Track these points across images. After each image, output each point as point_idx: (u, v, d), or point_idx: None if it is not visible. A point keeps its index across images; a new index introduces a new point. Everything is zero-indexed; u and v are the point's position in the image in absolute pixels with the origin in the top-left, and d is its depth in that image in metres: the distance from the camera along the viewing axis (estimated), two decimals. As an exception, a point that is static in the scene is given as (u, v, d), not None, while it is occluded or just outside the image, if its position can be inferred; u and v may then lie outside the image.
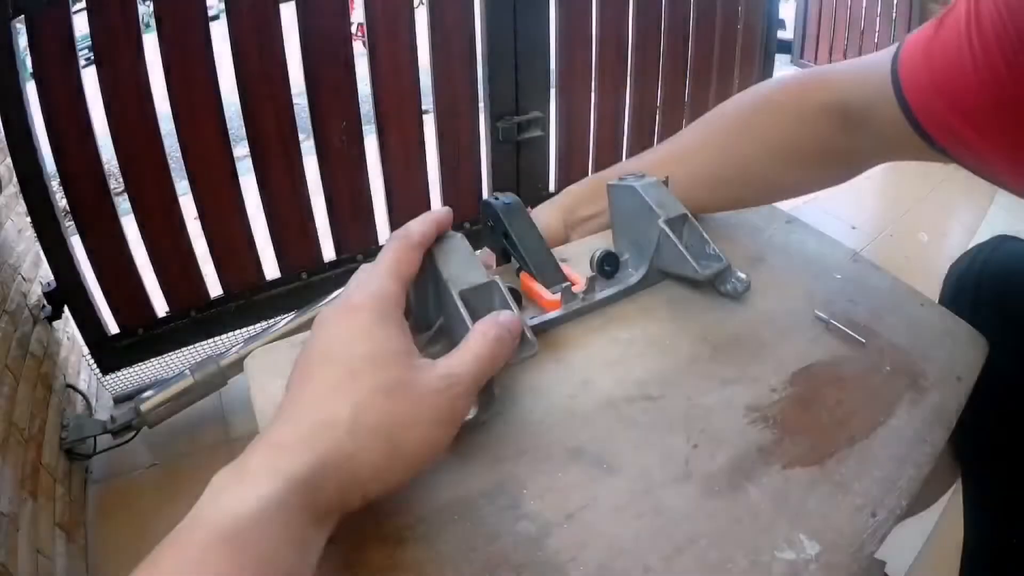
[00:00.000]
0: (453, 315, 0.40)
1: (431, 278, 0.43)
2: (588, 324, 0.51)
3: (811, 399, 0.45)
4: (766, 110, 0.57)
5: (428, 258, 0.42)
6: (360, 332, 0.34)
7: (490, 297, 0.41)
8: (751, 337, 0.50)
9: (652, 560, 0.35)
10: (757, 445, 0.42)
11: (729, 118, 0.60)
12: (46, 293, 1.38)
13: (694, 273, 0.50)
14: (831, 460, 0.41)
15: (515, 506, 0.37)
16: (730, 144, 0.59)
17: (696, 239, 0.52)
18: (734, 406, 0.44)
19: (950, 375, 0.49)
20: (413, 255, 0.40)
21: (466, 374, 0.34)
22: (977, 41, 0.40)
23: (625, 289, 0.53)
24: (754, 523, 0.37)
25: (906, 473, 0.41)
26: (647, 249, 0.53)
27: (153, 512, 1.29)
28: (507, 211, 0.55)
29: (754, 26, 2.20)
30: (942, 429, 0.44)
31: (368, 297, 0.35)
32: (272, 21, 1.34)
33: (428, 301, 0.44)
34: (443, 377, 0.33)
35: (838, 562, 0.35)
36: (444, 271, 0.41)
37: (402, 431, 0.31)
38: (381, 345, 0.33)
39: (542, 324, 0.50)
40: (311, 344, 0.34)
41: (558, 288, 0.52)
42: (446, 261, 0.42)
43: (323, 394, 0.32)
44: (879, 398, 0.46)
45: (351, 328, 0.34)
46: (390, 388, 0.32)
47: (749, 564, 0.35)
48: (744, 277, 0.52)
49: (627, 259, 0.56)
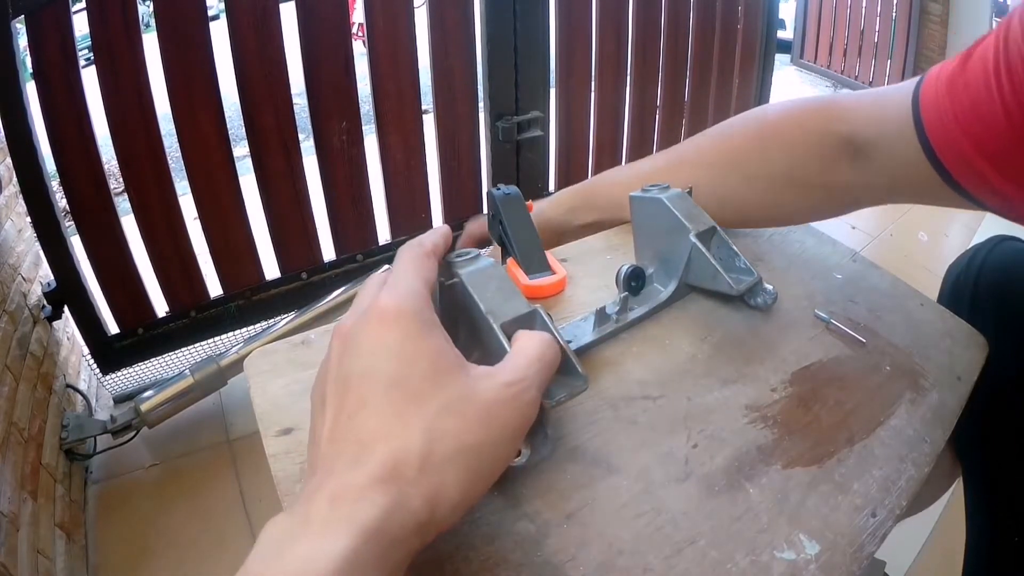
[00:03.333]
0: (495, 350, 0.36)
1: (462, 309, 0.39)
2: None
3: (811, 399, 0.45)
4: (772, 134, 0.55)
5: (458, 289, 0.38)
6: (407, 344, 0.29)
7: (532, 327, 0.38)
8: (751, 337, 0.50)
9: (652, 560, 0.35)
10: (757, 445, 0.42)
11: (733, 137, 0.57)
12: (46, 293, 1.38)
13: (728, 288, 0.48)
14: (831, 460, 0.41)
15: (515, 506, 0.37)
16: (730, 163, 0.57)
17: (726, 252, 0.50)
18: (734, 406, 0.44)
19: (950, 375, 0.49)
20: (430, 262, 0.36)
21: (531, 378, 0.31)
22: (1006, 82, 0.39)
23: (656, 307, 0.51)
24: (754, 523, 0.37)
25: (906, 473, 0.41)
26: (675, 263, 0.51)
27: (153, 512, 1.29)
28: (505, 200, 0.57)
29: (754, 26, 2.20)
30: (942, 429, 0.44)
31: (402, 300, 0.31)
32: (272, 21, 1.34)
33: (458, 335, 0.39)
34: (508, 385, 0.30)
35: (838, 562, 0.35)
36: (482, 303, 0.37)
37: (477, 453, 0.28)
38: (435, 357, 0.29)
39: (578, 348, 0.47)
40: (343, 361, 0.30)
41: (537, 276, 0.54)
42: (482, 291, 0.37)
43: (385, 423, 0.27)
44: (879, 398, 0.46)
45: (395, 340, 0.29)
46: (457, 407, 0.28)
47: (749, 564, 0.35)
48: (771, 289, 0.51)
49: (651, 273, 0.53)
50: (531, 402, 0.31)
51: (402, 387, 0.28)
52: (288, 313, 1.55)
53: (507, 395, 0.30)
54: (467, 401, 0.29)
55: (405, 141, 1.59)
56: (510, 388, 0.30)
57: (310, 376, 0.49)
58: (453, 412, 0.28)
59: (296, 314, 1.51)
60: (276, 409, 0.44)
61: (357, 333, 0.31)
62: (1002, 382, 0.54)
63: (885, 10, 3.10)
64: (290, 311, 1.56)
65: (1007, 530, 0.59)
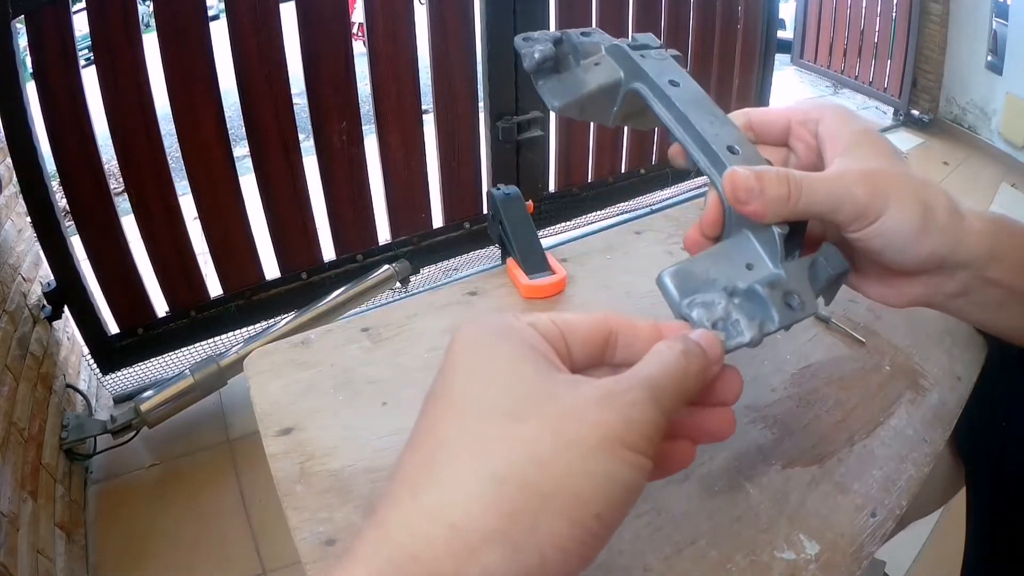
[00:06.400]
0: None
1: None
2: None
3: (811, 399, 0.45)
4: None
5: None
6: (492, 363, 0.23)
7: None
8: (751, 337, 0.50)
9: (652, 560, 0.35)
10: (757, 445, 0.42)
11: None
12: (46, 293, 1.38)
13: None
14: (831, 460, 0.41)
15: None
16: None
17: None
18: (734, 406, 0.44)
19: (950, 375, 0.49)
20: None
21: (641, 376, 0.24)
22: None
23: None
24: (754, 523, 0.37)
25: (906, 473, 0.41)
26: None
27: (153, 512, 1.29)
28: (505, 201, 0.57)
29: (754, 26, 2.20)
30: (942, 429, 0.44)
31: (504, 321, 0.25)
32: (272, 21, 1.34)
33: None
34: (603, 385, 0.23)
35: (838, 562, 0.35)
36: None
37: (539, 466, 0.21)
38: (499, 363, 0.23)
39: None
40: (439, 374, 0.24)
41: (537, 276, 0.54)
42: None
43: (436, 470, 0.21)
44: (879, 398, 0.46)
45: (471, 353, 0.24)
46: (520, 419, 0.22)
47: (749, 564, 0.35)
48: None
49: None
50: (638, 402, 0.23)
51: (438, 404, 0.23)
52: (288, 313, 1.55)
53: (599, 394, 0.22)
54: (532, 400, 0.22)
55: (405, 141, 1.59)
56: (602, 389, 0.23)
57: (310, 376, 0.50)
58: (509, 417, 0.21)
59: (296, 314, 1.51)
60: (276, 409, 0.44)
61: (456, 350, 0.25)
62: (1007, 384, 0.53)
63: (885, 10, 3.10)
64: (290, 311, 1.56)
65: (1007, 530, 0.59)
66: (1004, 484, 0.59)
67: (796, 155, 0.36)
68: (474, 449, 0.21)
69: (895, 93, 3.20)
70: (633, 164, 2.01)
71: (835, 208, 0.30)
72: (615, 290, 0.56)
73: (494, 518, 0.20)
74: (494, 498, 0.20)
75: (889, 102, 3.26)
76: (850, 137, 0.33)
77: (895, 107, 3.22)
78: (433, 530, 0.20)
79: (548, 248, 0.58)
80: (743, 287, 0.29)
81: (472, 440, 0.21)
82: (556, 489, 0.20)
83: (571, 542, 0.20)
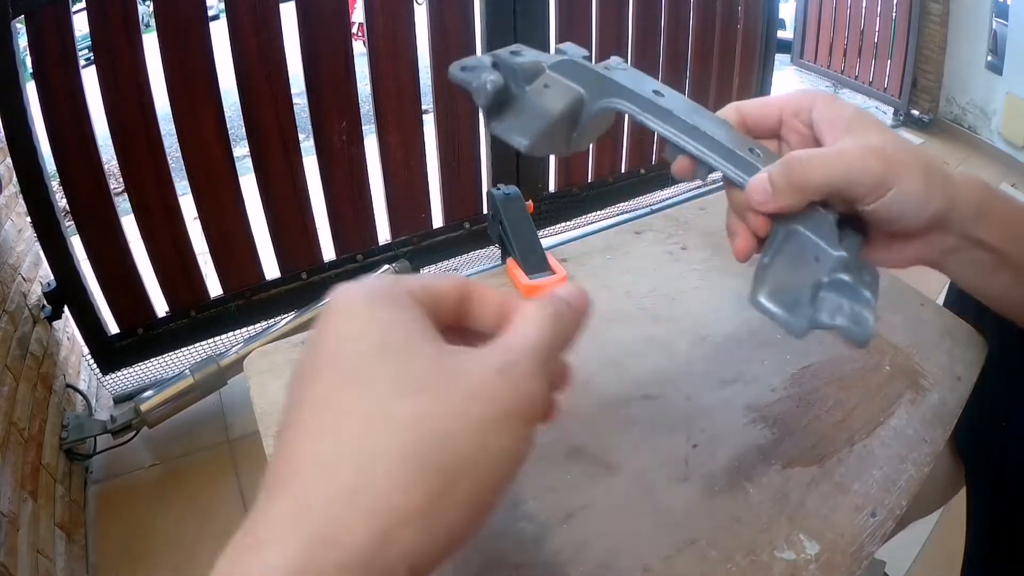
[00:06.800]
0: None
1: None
2: (589, 324, 0.51)
3: (811, 399, 0.45)
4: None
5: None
6: (348, 323, 0.23)
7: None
8: (751, 337, 0.50)
9: (652, 560, 0.35)
10: (757, 445, 0.42)
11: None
12: (46, 293, 1.38)
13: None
14: (831, 460, 0.41)
15: (515, 506, 0.37)
16: None
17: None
18: (734, 406, 0.44)
19: (950, 375, 0.49)
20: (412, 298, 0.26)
21: (527, 347, 0.24)
22: None
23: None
24: (754, 523, 0.37)
25: (906, 473, 0.41)
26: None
27: (153, 512, 1.29)
28: (505, 201, 0.57)
29: (754, 26, 2.20)
30: (942, 429, 0.44)
31: (361, 286, 0.24)
32: (272, 21, 1.34)
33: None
34: (494, 355, 0.23)
35: (838, 562, 0.35)
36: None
37: (449, 442, 0.21)
38: (389, 329, 0.22)
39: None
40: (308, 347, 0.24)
41: (537, 276, 0.54)
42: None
43: (307, 424, 0.21)
44: (879, 398, 0.46)
45: (340, 321, 0.23)
46: (426, 396, 0.21)
47: (749, 564, 0.35)
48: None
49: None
50: (528, 374, 0.23)
51: (332, 373, 0.22)
52: (288, 313, 1.55)
53: (497, 365, 0.22)
54: (437, 380, 0.22)
55: (405, 141, 1.59)
56: (495, 359, 0.23)
57: (310, 376, 0.50)
58: (412, 390, 0.21)
59: (296, 314, 1.51)
60: (276, 409, 0.44)
61: (326, 315, 0.24)
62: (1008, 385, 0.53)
63: (885, 10, 3.09)
64: (290, 311, 1.56)
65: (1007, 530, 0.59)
66: (1004, 484, 0.59)
67: (788, 145, 0.37)
68: (385, 428, 0.21)
69: (895, 93, 3.20)
70: (633, 164, 2.01)
71: (854, 182, 0.32)
72: (615, 290, 0.56)
73: (412, 500, 0.20)
74: (412, 480, 0.20)
75: (889, 102, 3.26)
76: (848, 118, 0.34)
77: (895, 107, 3.22)
78: (352, 514, 0.19)
79: (548, 248, 0.58)
80: (827, 280, 0.30)
81: (383, 418, 0.21)
82: (464, 467, 0.21)
83: (475, 515, 0.21)
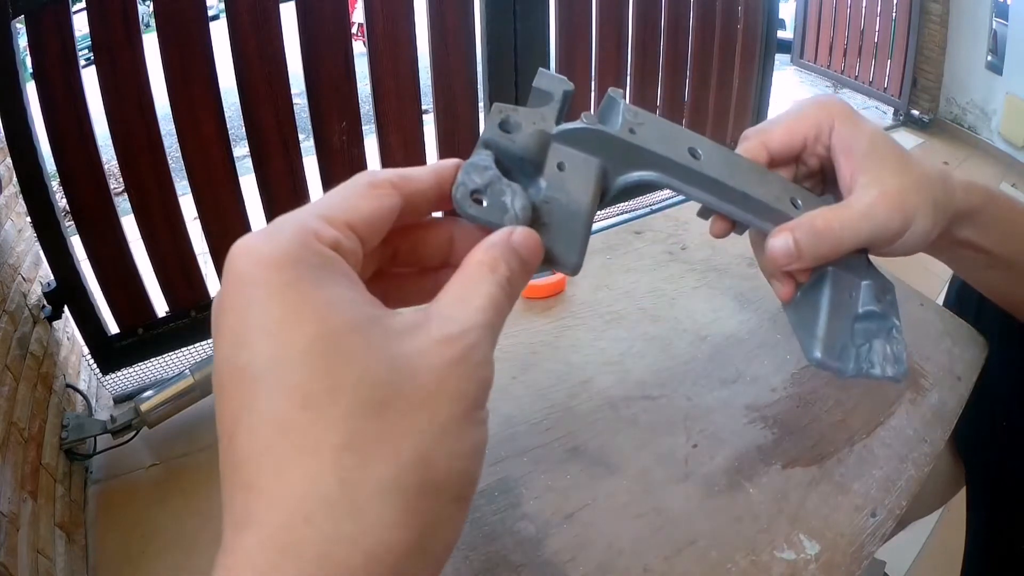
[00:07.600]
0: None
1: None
2: (590, 325, 0.51)
3: (811, 399, 0.45)
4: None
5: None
6: (274, 307, 0.19)
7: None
8: (751, 337, 0.50)
9: (652, 560, 0.35)
10: (757, 445, 0.42)
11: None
12: (46, 293, 1.38)
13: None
14: (831, 460, 0.41)
15: (515, 506, 0.37)
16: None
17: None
18: (734, 406, 0.44)
19: (950, 375, 0.49)
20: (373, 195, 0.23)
21: (481, 326, 0.21)
22: None
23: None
24: (754, 523, 0.37)
25: (906, 473, 0.41)
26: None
27: (153, 512, 1.29)
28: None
29: (754, 26, 2.20)
30: (942, 429, 0.44)
31: (262, 243, 0.22)
32: (272, 21, 1.34)
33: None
34: (444, 342, 0.20)
35: (838, 562, 0.35)
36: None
37: (427, 460, 0.19)
38: (325, 316, 0.19)
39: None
40: (216, 349, 0.21)
41: (537, 276, 0.53)
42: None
43: (271, 450, 0.19)
44: (879, 398, 0.46)
45: (258, 306, 0.20)
46: (380, 395, 0.19)
47: (749, 564, 0.35)
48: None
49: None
50: (483, 362, 0.21)
51: (283, 381, 0.19)
52: (288, 313, 1.55)
53: (450, 355, 0.20)
54: (390, 384, 0.19)
55: (405, 141, 1.59)
56: (450, 346, 0.20)
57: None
58: (374, 407, 0.19)
59: (296, 314, 1.51)
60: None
61: (216, 305, 0.21)
62: (1007, 385, 0.53)
63: (885, 10, 3.10)
64: (290, 311, 1.56)
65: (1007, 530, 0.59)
66: (1004, 484, 0.59)
67: (807, 166, 0.37)
68: (359, 456, 0.18)
69: (895, 93, 3.20)
70: (633, 164, 2.01)
71: (876, 239, 0.33)
72: (615, 290, 0.56)
73: (406, 533, 0.18)
74: (402, 514, 0.18)
75: (889, 102, 3.26)
76: (864, 149, 0.34)
77: (895, 107, 3.22)
78: (350, 559, 0.18)
79: (548, 248, 0.58)
80: (861, 312, 0.34)
81: (352, 451, 0.18)
82: (446, 478, 0.19)
83: (460, 517, 0.21)
